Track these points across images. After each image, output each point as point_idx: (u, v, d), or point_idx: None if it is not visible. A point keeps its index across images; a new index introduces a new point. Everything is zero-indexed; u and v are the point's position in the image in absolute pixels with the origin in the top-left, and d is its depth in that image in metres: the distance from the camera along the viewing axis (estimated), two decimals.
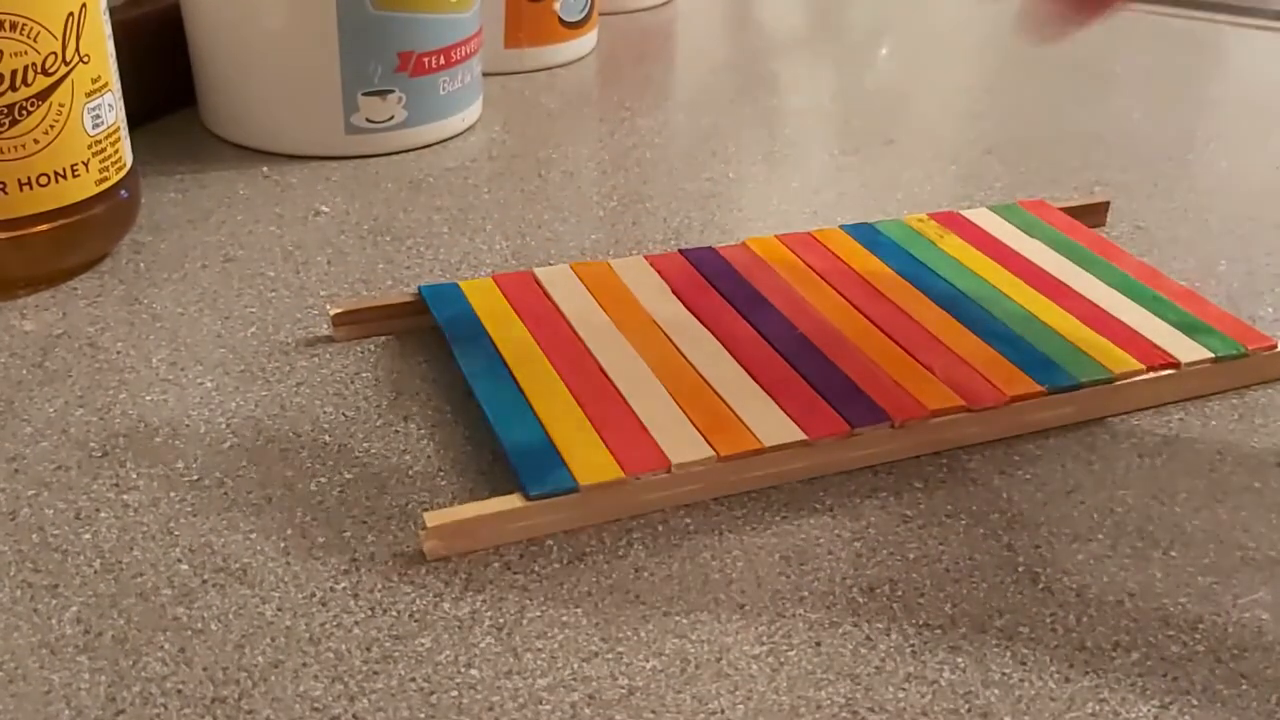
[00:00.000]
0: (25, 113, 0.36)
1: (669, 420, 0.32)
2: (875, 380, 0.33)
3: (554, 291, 0.37)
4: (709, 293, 0.38)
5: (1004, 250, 0.41)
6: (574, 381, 0.33)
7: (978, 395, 0.33)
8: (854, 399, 0.33)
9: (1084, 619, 0.28)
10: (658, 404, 0.32)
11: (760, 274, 0.39)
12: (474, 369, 0.34)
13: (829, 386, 0.33)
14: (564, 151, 0.52)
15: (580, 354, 0.34)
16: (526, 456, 0.30)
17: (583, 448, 0.30)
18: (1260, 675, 0.27)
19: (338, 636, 0.27)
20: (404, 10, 0.48)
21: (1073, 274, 0.40)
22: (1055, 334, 0.36)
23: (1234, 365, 0.36)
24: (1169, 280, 0.39)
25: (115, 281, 0.40)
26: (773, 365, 0.34)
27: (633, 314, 0.36)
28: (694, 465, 0.30)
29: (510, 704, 0.25)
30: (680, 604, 0.28)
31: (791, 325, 0.36)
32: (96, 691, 0.25)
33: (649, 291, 0.38)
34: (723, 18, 0.72)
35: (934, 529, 0.31)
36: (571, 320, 0.36)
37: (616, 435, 0.31)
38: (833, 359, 0.34)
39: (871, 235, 0.41)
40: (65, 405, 0.34)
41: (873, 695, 0.26)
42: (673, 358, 0.34)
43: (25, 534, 0.29)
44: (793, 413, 0.32)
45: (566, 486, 0.29)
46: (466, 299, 0.37)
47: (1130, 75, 0.63)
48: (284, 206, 0.46)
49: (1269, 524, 0.31)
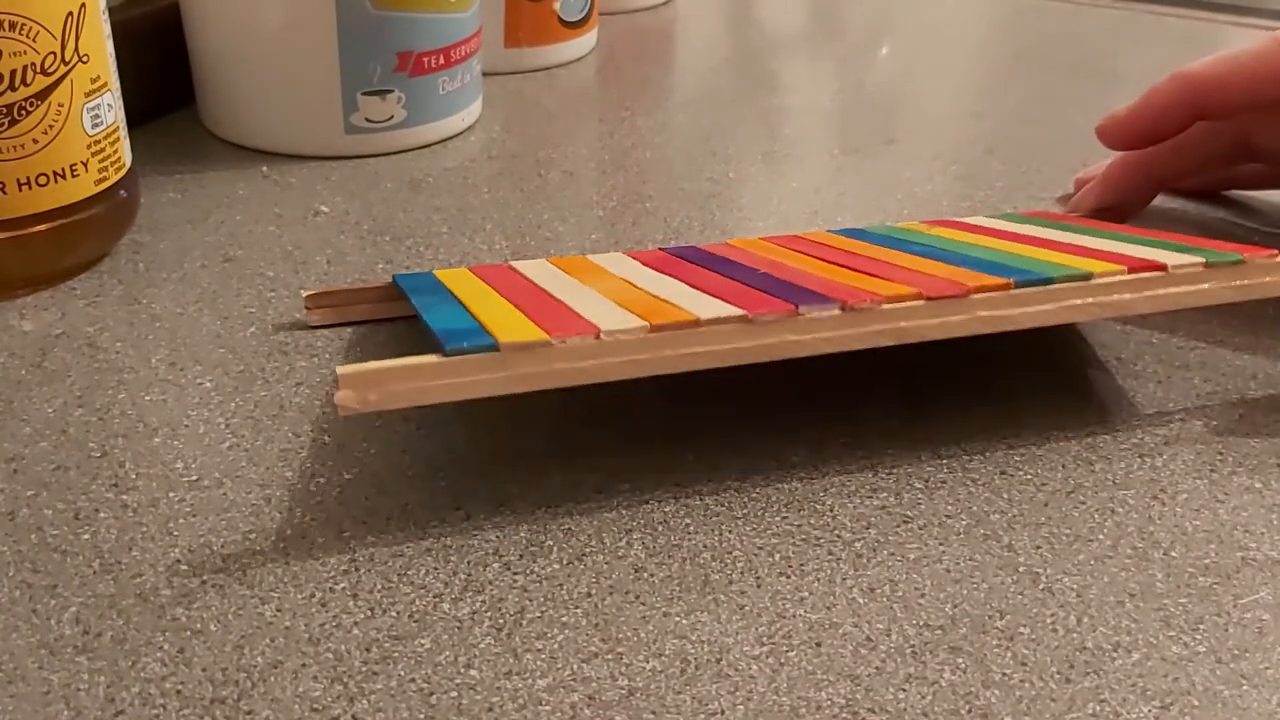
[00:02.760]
0: (24, 113, 0.36)
1: (607, 312, 0.31)
2: (833, 285, 0.32)
3: (527, 271, 0.37)
4: (683, 264, 0.37)
5: (994, 230, 0.40)
6: (520, 301, 0.33)
7: (939, 287, 0.32)
8: (808, 292, 0.32)
9: (1085, 619, 0.28)
10: (599, 306, 0.32)
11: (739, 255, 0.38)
12: (425, 302, 0.33)
13: (783, 289, 0.32)
14: (564, 151, 0.52)
15: (535, 292, 0.34)
16: (451, 332, 0.29)
17: (511, 326, 0.30)
18: (1261, 676, 0.26)
19: (337, 637, 0.27)
20: (403, 10, 0.48)
21: (1069, 236, 0.38)
22: (1038, 260, 0.34)
23: (1228, 271, 0.33)
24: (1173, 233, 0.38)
25: (114, 281, 0.40)
26: (730, 287, 0.33)
27: (599, 276, 0.36)
28: (623, 333, 0.29)
29: (510, 704, 0.25)
30: (680, 604, 0.28)
31: (757, 269, 0.35)
32: (95, 692, 0.25)
33: (621, 268, 0.37)
34: (723, 18, 0.72)
35: (934, 529, 0.30)
36: (535, 279, 0.36)
37: (549, 318, 0.30)
38: (794, 280, 0.33)
39: (858, 234, 0.41)
40: (64, 405, 0.34)
41: (873, 696, 0.26)
42: (628, 288, 0.34)
43: (24, 534, 0.29)
44: (739, 301, 0.31)
45: (485, 344, 0.28)
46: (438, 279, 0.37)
47: (1130, 75, 0.63)
48: (283, 206, 0.46)
49: (1269, 524, 0.31)
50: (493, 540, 0.30)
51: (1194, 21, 0.73)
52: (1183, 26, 0.72)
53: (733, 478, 0.32)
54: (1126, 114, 0.43)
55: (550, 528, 0.30)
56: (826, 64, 0.65)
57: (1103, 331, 0.39)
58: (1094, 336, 0.39)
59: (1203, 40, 0.70)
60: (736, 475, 0.32)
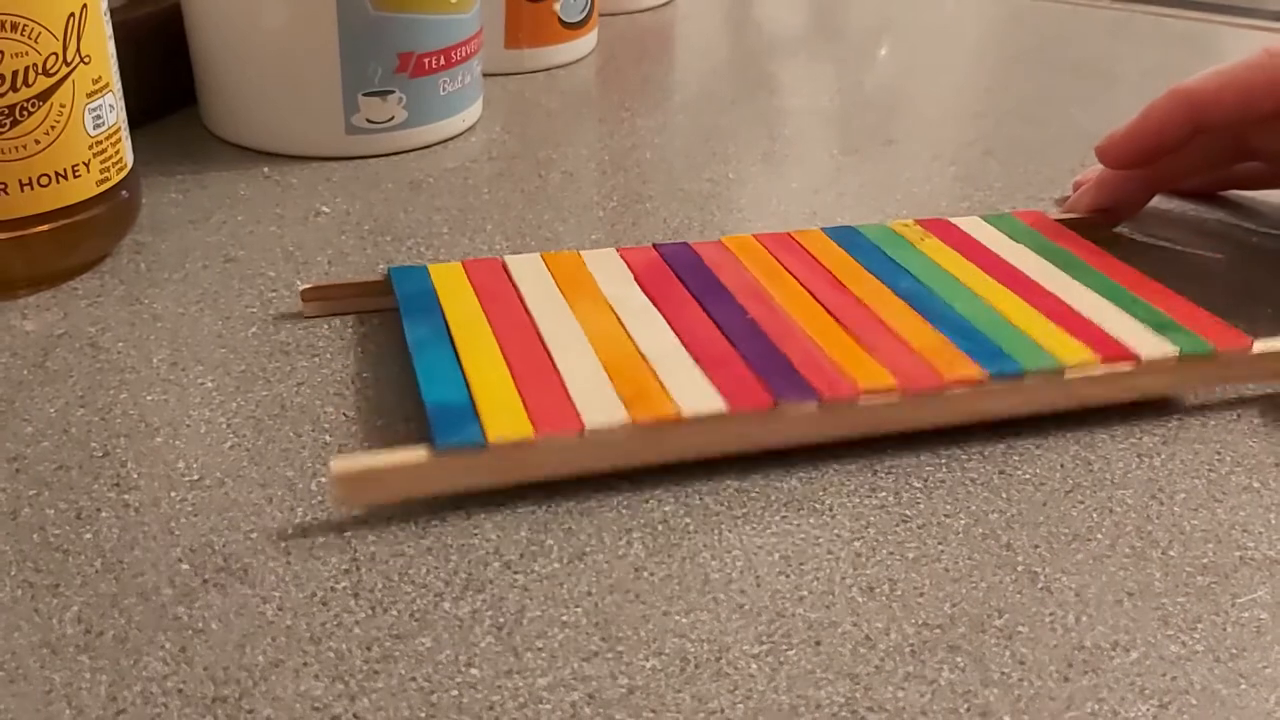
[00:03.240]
0: (26, 113, 0.36)
1: (592, 385, 0.31)
2: (813, 361, 0.33)
3: (518, 275, 0.37)
4: (671, 281, 0.37)
5: (984, 253, 0.40)
6: (510, 348, 0.33)
7: (915, 378, 0.32)
8: (785, 376, 0.32)
9: (1083, 618, 0.28)
10: (586, 370, 0.32)
11: (727, 267, 0.38)
12: (418, 337, 0.34)
13: (765, 364, 0.33)
14: (564, 152, 0.52)
15: (524, 324, 0.34)
16: (444, 412, 0.30)
17: (500, 407, 0.30)
18: (1259, 675, 0.27)
19: (338, 636, 0.27)
20: (404, 11, 0.48)
21: (1052, 276, 0.38)
22: (1014, 328, 0.35)
23: (1200, 363, 0.34)
24: (1156, 284, 0.38)
25: (116, 282, 0.40)
26: (714, 344, 0.34)
27: (588, 294, 0.36)
28: (607, 430, 0.30)
29: (510, 703, 0.25)
30: (680, 604, 0.28)
31: (744, 310, 0.36)
32: (97, 691, 0.25)
33: (611, 277, 0.38)
34: (723, 18, 0.73)
35: (933, 529, 0.31)
36: (526, 297, 0.36)
37: (536, 396, 0.31)
38: (775, 340, 0.34)
39: (851, 237, 0.41)
40: (66, 405, 0.34)
41: (872, 695, 0.26)
42: (614, 331, 0.34)
43: (26, 534, 0.29)
44: (721, 386, 0.32)
45: (474, 441, 0.29)
46: (431, 279, 0.37)
47: (1130, 75, 0.63)
48: (284, 207, 0.46)
49: (1268, 524, 0.31)
50: (493, 540, 0.30)
51: (1193, 22, 0.73)
52: (1181, 27, 0.72)
53: (733, 478, 0.32)
54: (1125, 133, 0.43)
55: (550, 528, 0.30)
56: (826, 64, 0.65)
57: None
58: None
59: (1201, 41, 0.70)
60: (736, 475, 0.32)
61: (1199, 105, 0.41)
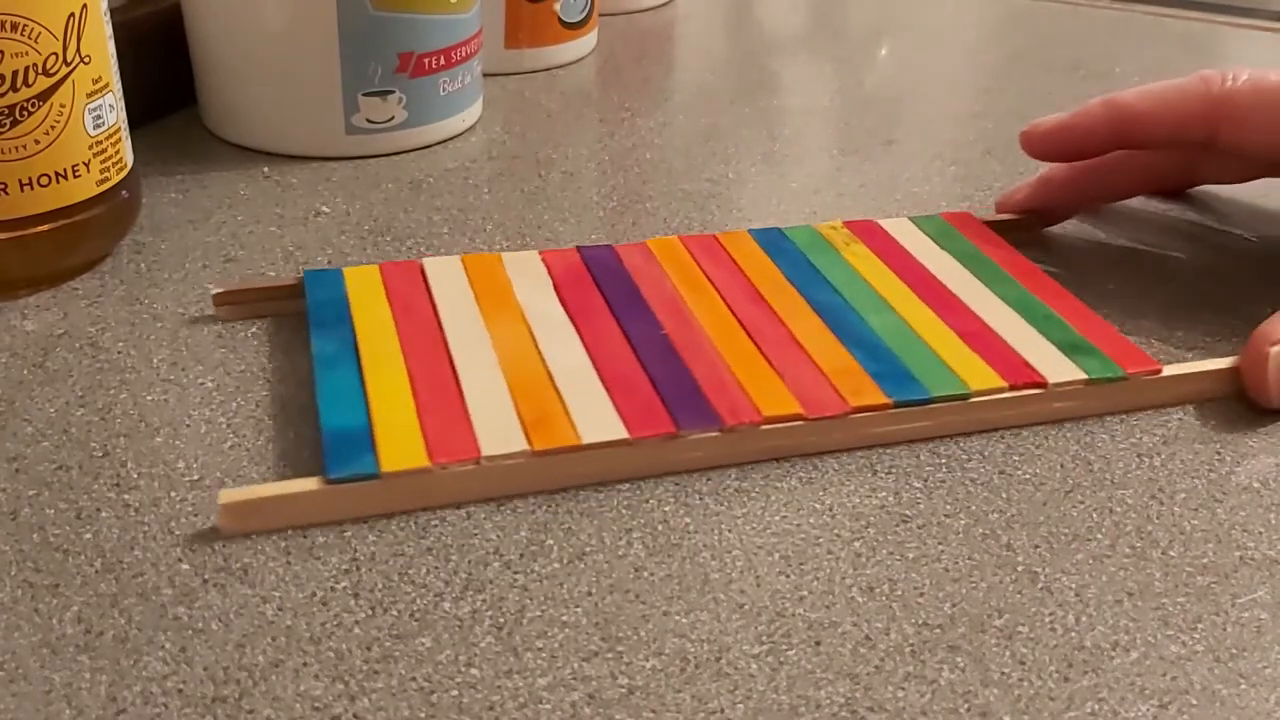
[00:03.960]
0: (26, 113, 0.36)
1: (496, 411, 0.31)
2: (720, 384, 0.33)
3: (434, 281, 0.37)
4: (590, 290, 0.37)
5: (907, 261, 0.40)
6: (416, 367, 0.33)
7: (820, 404, 0.32)
8: (692, 401, 0.32)
9: (1083, 618, 0.28)
10: (491, 394, 0.32)
11: (649, 275, 0.38)
12: (324, 353, 0.34)
13: (671, 388, 0.33)
14: (564, 152, 0.52)
15: (434, 342, 0.34)
16: (340, 439, 0.30)
17: (398, 433, 0.30)
18: (1259, 675, 0.27)
19: (338, 636, 0.27)
20: (404, 11, 0.48)
21: (970, 289, 0.38)
22: (925, 347, 0.35)
23: (1108, 388, 0.34)
24: (1073, 299, 0.38)
25: (116, 282, 0.40)
26: (624, 363, 0.34)
27: (503, 304, 0.36)
28: (505, 458, 0.30)
29: (510, 703, 0.25)
30: (680, 604, 0.28)
31: (659, 326, 0.35)
32: (97, 691, 0.25)
33: (530, 285, 0.37)
34: (723, 18, 0.73)
35: (933, 529, 0.31)
36: (440, 308, 0.36)
37: (437, 423, 0.31)
38: (686, 361, 0.34)
39: (776, 240, 0.41)
40: (66, 405, 0.34)
41: (872, 695, 0.26)
42: (525, 350, 0.34)
43: (26, 534, 0.29)
44: (624, 411, 0.32)
45: (367, 472, 0.29)
46: (345, 285, 0.37)
47: (1130, 75, 0.63)
48: (284, 207, 0.46)
49: (1268, 524, 0.31)
50: (493, 540, 0.30)
51: (1193, 22, 0.73)
52: (1181, 27, 0.72)
53: (733, 478, 0.32)
54: (1051, 126, 0.42)
55: (550, 528, 0.30)
56: (826, 64, 0.65)
57: None
58: None
59: (1201, 41, 0.70)
60: (736, 475, 0.32)
61: (1127, 119, 0.41)
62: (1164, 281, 0.43)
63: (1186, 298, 0.42)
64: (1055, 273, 0.41)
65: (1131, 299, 0.41)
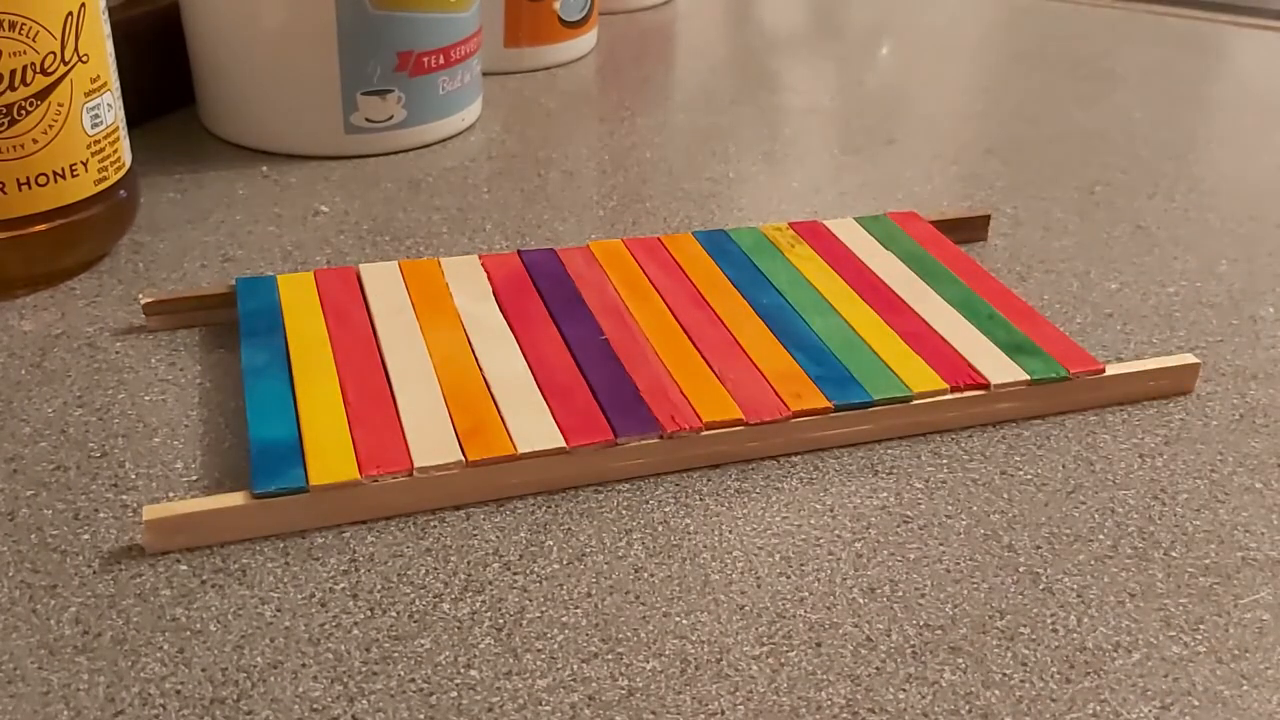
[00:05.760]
0: (24, 112, 0.36)
1: (430, 422, 0.31)
2: (660, 390, 0.33)
3: (370, 289, 0.37)
4: (530, 296, 0.37)
5: (852, 263, 0.40)
6: (349, 378, 0.33)
7: (761, 409, 0.32)
8: (631, 408, 0.32)
9: (1085, 619, 0.28)
10: (426, 404, 0.31)
11: (590, 279, 0.38)
12: (254, 364, 0.33)
13: (610, 394, 0.32)
14: (564, 151, 0.52)
15: (368, 351, 0.34)
16: (268, 452, 0.30)
17: (328, 445, 0.30)
18: (1261, 676, 0.26)
19: (337, 637, 0.27)
20: (403, 10, 0.48)
21: (914, 290, 0.38)
22: (868, 350, 0.35)
23: (1051, 389, 0.34)
24: (1016, 299, 0.38)
25: (114, 281, 0.40)
26: (563, 371, 0.33)
27: (441, 313, 0.36)
28: (438, 469, 0.30)
29: (510, 704, 0.25)
30: (680, 605, 0.28)
31: (599, 331, 0.35)
32: (95, 692, 0.25)
33: (468, 292, 0.37)
34: (723, 17, 0.72)
35: (934, 529, 0.30)
36: (375, 316, 0.35)
37: (369, 434, 0.30)
38: (626, 367, 0.33)
39: (720, 242, 0.41)
40: (64, 405, 0.34)
41: (873, 696, 0.26)
42: (462, 358, 0.34)
43: (24, 534, 0.29)
44: (562, 420, 0.31)
45: (295, 486, 0.29)
46: (278, 293, 0.36)
47: (1130, 75, 0.63)
48: (283, 206, 0.46)
49: (1269, 524, 0.31)
50: (493, 540, 0.30)
51: (1194, 21, 0.73)
52: (1183, 26, 0.72)
53: (733, 478, 0.32)
54: None
55: (550, 528, 0.30)
56: (826, 64, 0.65)
57: (1102, 331, 0.39)
58: (1093, 336, 0.39)
59: (1203, 40, 0.70)
60: (737, 475, 0.32)
61: None
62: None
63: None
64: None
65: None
